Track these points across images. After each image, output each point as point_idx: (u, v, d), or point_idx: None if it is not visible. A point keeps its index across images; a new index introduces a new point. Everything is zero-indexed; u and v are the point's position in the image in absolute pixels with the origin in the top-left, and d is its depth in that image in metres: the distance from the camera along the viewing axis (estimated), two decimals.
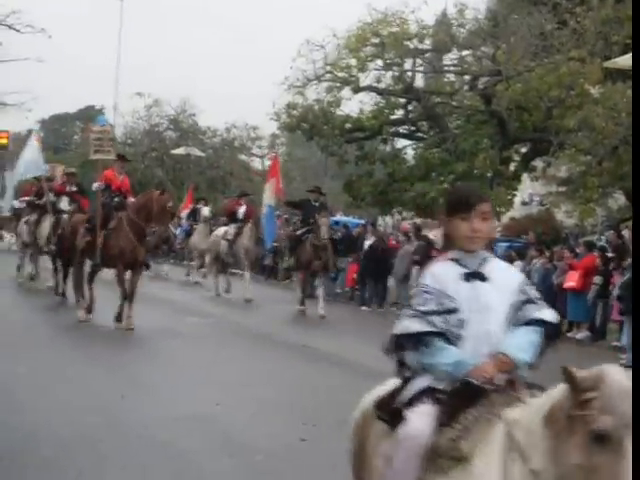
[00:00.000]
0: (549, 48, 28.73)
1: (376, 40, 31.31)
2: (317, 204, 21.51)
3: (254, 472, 7.69)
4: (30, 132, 46.20)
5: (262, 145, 56.52)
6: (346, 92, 32.56)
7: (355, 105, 33.09)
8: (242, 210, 24.17)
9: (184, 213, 32.54)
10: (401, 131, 33.66)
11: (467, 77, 32.18)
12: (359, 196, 32.54)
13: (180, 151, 49.16)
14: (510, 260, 20.01)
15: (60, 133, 76.43)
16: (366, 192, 31.87)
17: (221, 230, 24.88)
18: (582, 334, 18.63)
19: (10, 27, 43.54)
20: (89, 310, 16.74)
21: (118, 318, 15.91)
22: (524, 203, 43.62)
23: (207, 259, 25.85)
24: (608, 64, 23.36)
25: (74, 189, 21.36)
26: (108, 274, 17.65)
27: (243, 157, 56.45)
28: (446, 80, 33.14)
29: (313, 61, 32.23)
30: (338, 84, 32.50)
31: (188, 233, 30.37)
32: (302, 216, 22.19)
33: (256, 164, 57.05)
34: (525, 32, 28.85)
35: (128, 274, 16.37)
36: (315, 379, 11.56)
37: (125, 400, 9.99)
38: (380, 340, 9.51)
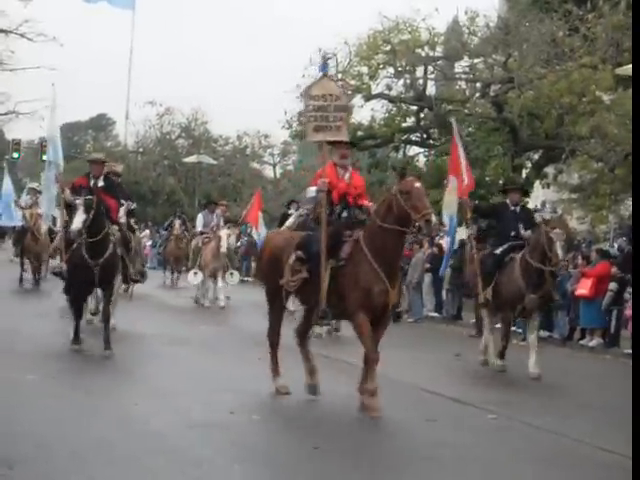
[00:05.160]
0: (560, 55, 28.70)
1: (387, 48, 31.30)
2: (518, 209, 15.13)
3: None
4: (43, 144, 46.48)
5: (274, 153, 56.68)
6: (357, 100, 32.58)
7: (366, 113, 33.13)
8: None
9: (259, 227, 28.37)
10: (413, 139, 33.63)
11: (479, 84, 32.15)
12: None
13: (192, 159, 49.30)
14: None
15: (72, 142, 76.58)
16: (378, 200, 31.75)
17: None
18: (595, 341, 18.58)
19: (22, 36, 43.79)
20: (313, 388, 11.16)
21: (366, 401, 10.28)
22: (536, 210, 43.54)
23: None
24: (619, 71, 23.34)
25: (100, 184, 14.70)
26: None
27: (255, 165, 56.56)
28: (458, 88, 33.12)
29: None
30: (349, 92, 32.49)
31: None
32: (499, 227, 15.28)
33: (268, 172, 57.18)
34: (536, 39, 28.84)
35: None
36: (329, 388, 11.54)
37: (139, 407, 10.01)
38: (393, 348, 9.42)
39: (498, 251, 14.74)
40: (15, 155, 45.28)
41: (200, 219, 23.74)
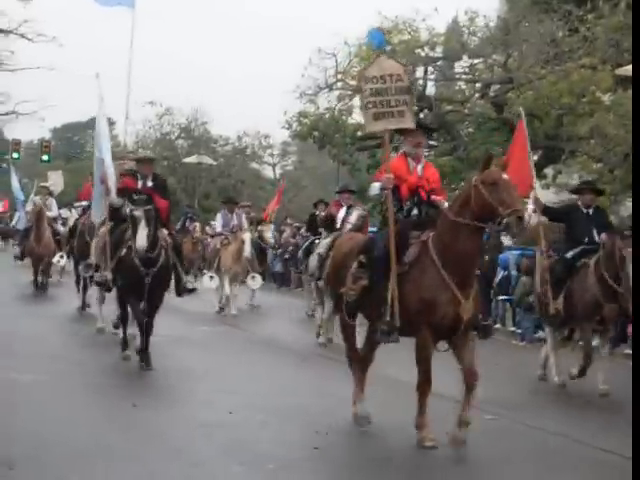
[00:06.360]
0: (560, 55, 28.75)
1: (387, 48, 31.34)
2: (591, 211, 13.43)
3: None
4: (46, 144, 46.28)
5: (273, 153, 56.69)
6: (357, 100, 32.56)
7: None
8: (341, 215, 16.81)
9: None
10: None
11: (478, 85, 32.19)
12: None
13: (192, 159, 49.25)
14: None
15: (72, 142, 76.61)
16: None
17: (323, 244, 16.76)
18: (595, 342, 18.54)
19: (22, 36, 43.78)
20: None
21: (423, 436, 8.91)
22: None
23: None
24: (619, 71, 23.38)
25: (149, 184, 13.25)
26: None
27: (255, 165, 56.56)
28: (457, 88, 33.15)
29: (324, 69, 32.31)
30: (349, 92, 32.51)
31: (308, 251, 18.75)
32: (568, 231, 13.72)
33: (268, 172, 57.18)
34: (536, 40, 28.88)
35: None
36: (329, 388, 11.56)
37: (139, 407, 10.02)
38: (391, 348, 9.40)
39: (569, 255, 13.14)
40: (15, 155, 45.20)
41: (219, 219, 21.83)
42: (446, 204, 9.40)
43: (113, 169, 14.00)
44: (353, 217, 16.67)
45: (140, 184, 13.14)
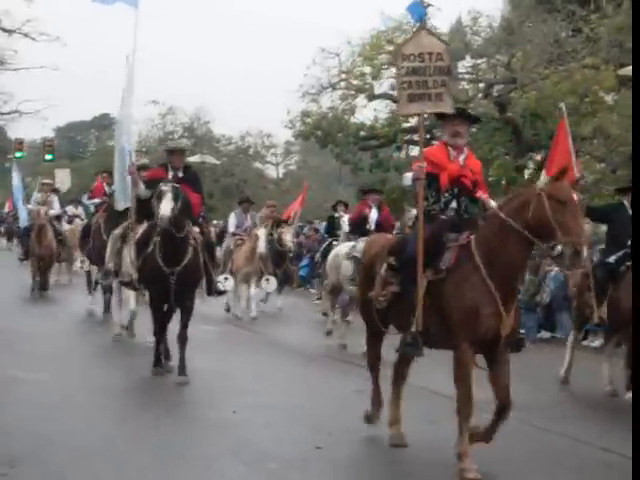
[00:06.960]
0: (563, 55, 28.74)
1: (390, 48, 31.35)
2: (630, 211, 12.70)
3: None
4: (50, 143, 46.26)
5: (276, 153, 56.67)
6: (360, 100, 32.65)
7: (369, 113, 33.19)
8: (374, 216, 16.20)
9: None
10: (415, 138, 33.65)
11: (481, 85, 32.20)
12: None
13: (195, 159, 49.20)
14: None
15: (75, 141, 76.62)
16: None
17: (344, 246, 16.03)
18: (598, 342, 18.53)
19: (26, 35, 43.83)
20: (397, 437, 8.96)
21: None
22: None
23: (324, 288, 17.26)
24: (622, 71, 23.36)
25: (180, 175, 12.39)
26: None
27: (257, 165, 56.57)
28: (460, 88, 33.15)
29: (328, 69, 32.34)
30: (352, 92, 32.56)
31: (325, 253, 18.29)
32: (612, 232, 13.16)
33: (271, 172, 57.16)
34: (540, 40, 28.88)
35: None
36: (331, 387, 11.55)
37: (141, 407, 10.02)
38: (394, 348, 9.35)
39: (611, 259, 12.36)
40: (18, 155, 45.15)
41: (232, 218, 20.85)
42: (493, 203, 8.51)
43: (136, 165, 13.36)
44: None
45: (171, 176, 12.24)
